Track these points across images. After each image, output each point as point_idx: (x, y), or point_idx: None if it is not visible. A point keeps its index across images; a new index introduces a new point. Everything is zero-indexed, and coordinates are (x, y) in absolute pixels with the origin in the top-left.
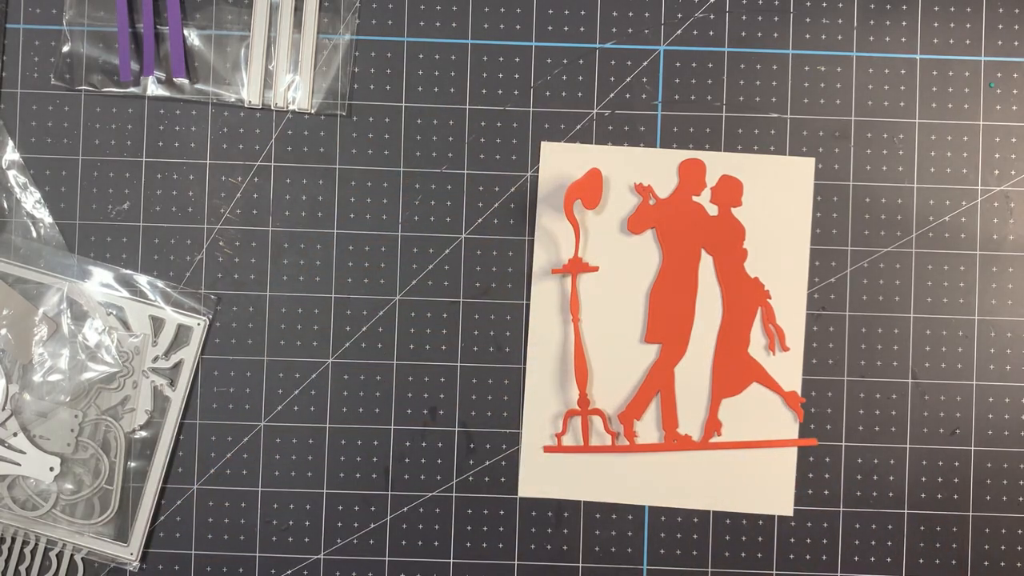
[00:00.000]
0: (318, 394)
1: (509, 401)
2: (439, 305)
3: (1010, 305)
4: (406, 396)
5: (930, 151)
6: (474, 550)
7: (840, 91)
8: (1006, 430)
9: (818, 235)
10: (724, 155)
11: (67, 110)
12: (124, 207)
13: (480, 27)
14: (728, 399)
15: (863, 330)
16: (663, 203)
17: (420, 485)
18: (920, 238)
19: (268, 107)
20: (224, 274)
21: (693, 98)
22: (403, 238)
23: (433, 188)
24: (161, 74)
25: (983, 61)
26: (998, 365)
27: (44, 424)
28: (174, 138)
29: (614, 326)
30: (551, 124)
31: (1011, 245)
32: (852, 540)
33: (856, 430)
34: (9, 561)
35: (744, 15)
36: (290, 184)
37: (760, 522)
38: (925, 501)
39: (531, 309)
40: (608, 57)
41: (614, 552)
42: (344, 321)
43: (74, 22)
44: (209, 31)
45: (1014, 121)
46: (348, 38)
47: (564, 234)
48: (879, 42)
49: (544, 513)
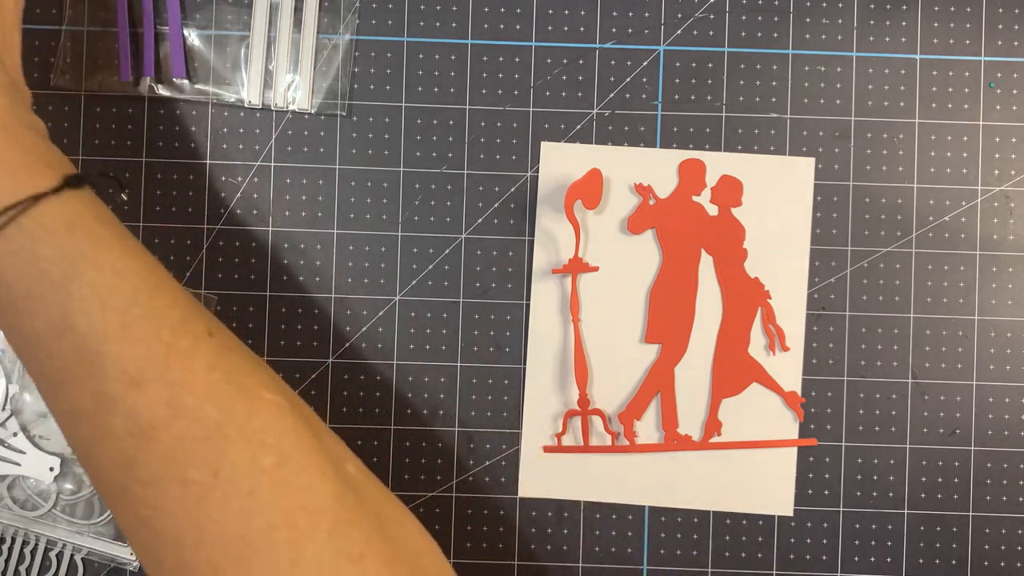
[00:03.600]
0: (318, 394)
1: (509, 401)
2: (439, 305)
3: (1010, 305)
4: (406, 396)
5: (930, 151)
6: (474, 550)
7: (840, 91)
8: (1006, 430)
9: (818, 235)
10: (724, 155)
11: (67, 110)
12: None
13: (480, 27)
14: (728, 399)
15: (863, 330)
16: (663, 203)
17: (420, 485)
18: (920, 238)
19: (268, 107)
20: (224, 274)
21: (693, 98)
22: (403, 238)
23: (433, 188)
24: (161, 74)
25: (983, 61)
26: (998, 365)
27: (44, 424)
28: (174, 138)
29: (614, 326)
30: (551, 124)
31: (1011, 245)
32: (852, 540)
33: (856, 430)
34: (9, 561)
35: (744, 15)
36: (290, 184)
37: (760, 522)
38: (925, 501)
39: (531, 309)
40: (608, 57)
41: (614, 552)
42: (344, 321)
43: (74, 22)
44: (209, 31)
45: (1014, 121)
46: (348, 38)
47: (564, 234)
48: (879, 42)
49: (544, 513)
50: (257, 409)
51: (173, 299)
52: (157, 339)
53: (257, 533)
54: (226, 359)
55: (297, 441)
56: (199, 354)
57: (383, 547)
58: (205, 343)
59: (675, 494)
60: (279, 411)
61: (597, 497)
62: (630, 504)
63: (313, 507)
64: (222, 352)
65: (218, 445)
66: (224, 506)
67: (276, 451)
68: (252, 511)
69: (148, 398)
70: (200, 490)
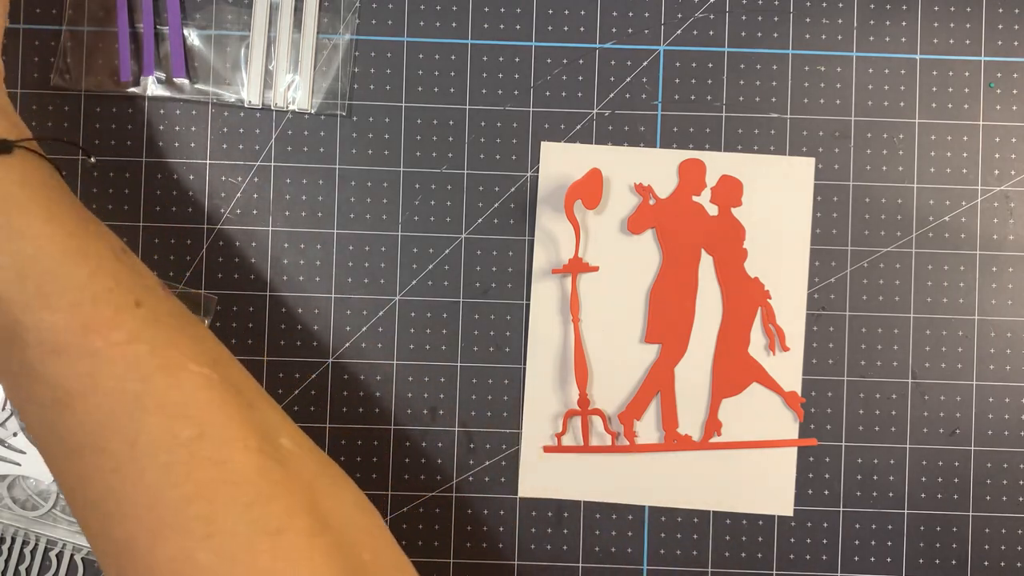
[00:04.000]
0: (318, 394)
1: (509, 401)
2: (439, 305)
3: (1010, 305)
4: (406, 396)
5: (930, 151)
6: (474, 550)
7: (840, 91)
8: (1006, 430)
9: (818, 235)
10: (724, 155)
11: (67, 110)
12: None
13: (480, 27)
14: (728, 399)
15: (863, 330)
16: (663, 203)
17: (420, 485)
18: (920, 238)
19: (268, 107)
20: (224, 274)
21: (693, 98)
22: (403, 238)
23: (433, 188)
24: (161, 74)
25: (983, 61)
26: (998, 365)
27: None
28: (174, 138)
29: (614, 326)
30: (551, 124)
31: (1011, 245)
32: (852, 540)
33: (856, 430)
34: (9, 561)
35: (744, 15)
36: (290, 184)
37: (760, 522)
38: (925, 501)
39: (531, 309)
40: (608, 57)
41: (614, 552)
42: (344, 321)
43: (74, 22)
44: (209, 31)
45: (1014, 121)
46: (348, 38)
47: (564, 234)
48: (879, 42)
49: (544, 513)
50: (179, 382)
51: (97, 269)
52: (76, 309)
53: (170, 505)
54: (151, 330)
55: (220, 413)
56: (121, 325)
57: (308, 522)
58: (129, 314)
59: (675, 494)
60: (204, 383)
61: (597, 497)
62: (630, 504)
63: (231, 480)
64: (148, 323)
65: (136, 416)
66: (139, 478)
67: (196, 423)
68: (167, 483)
69: (67, 368)
70: (116, 461)
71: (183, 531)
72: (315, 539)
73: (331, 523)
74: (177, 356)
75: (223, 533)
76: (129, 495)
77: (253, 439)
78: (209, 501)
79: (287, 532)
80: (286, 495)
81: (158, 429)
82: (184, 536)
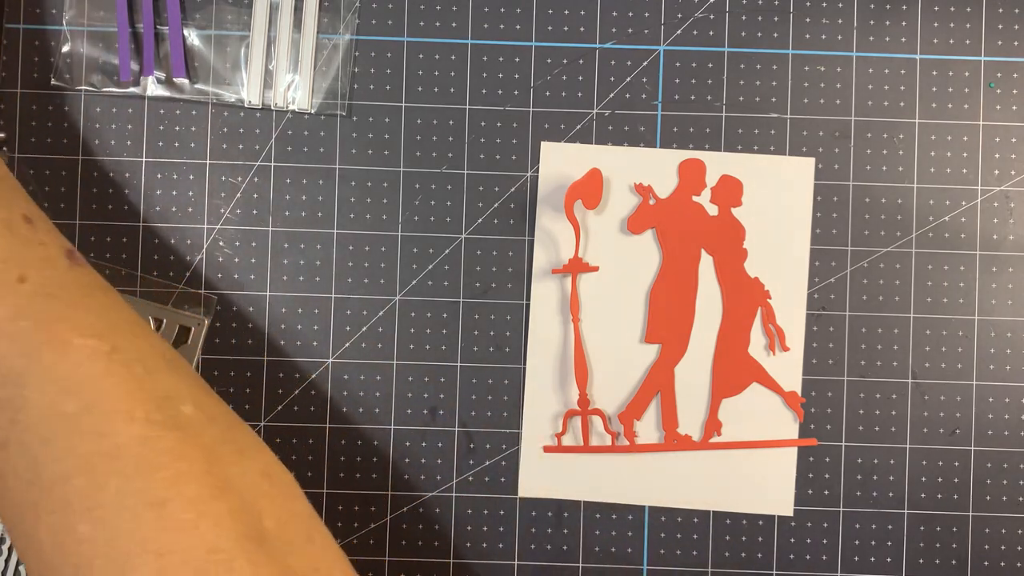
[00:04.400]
0: (317, 394)
1: (509, 401)
2: (439, 305)
3: (1010, 305)
4: (406, 396)
5: (930, 151)
6: (474, 550)
7: (840, 91)
8: (1006, 430)
9: (818, 235)
10: (724, 155)
11: (67, 110)
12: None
13: (480, 27)
14: (728, 399)
15: (863, 330)
16: (663, 203)
17: (420, 485)
18: (920, 238)
19: (268, 107)
20: (224, 274)
21: (693, 98)
22: (403, 238)
23: (433, 188)
24: (161, 74)
25: (983, 61)
26: (998, 365)
27: None
28: (174, 138)
29: (614, 326)
30: (551, 124)
31: (1011, 245)
32: (852, 540)
33: (856, 430)
34: (9, 561)
35: (744, 15)
36: (290, 184)
37: (760, 522)
38: (925, 501)
39: (531, 309)
40: (608, 57)
41: (614, 552)
42: (344, 321)
43: (74, 22)
44: (209, 31)
45: (1014, 121)
46: (348, 38)
47: (564, 234)
48: (879, 42)
49: (544, 513)
50: (65, 355)
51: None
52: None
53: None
54: (38, 305)
55: (107, 385)
56: (2, 302)
57: (198, 490)
58: (11, 290)
59: (675, 494)
60: (91, 356)
61: (597, 497)
62: (630, 504)
63: (113, 453)
64: (34, 298)
65: (20, 392)
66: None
67: (80, 397)
68: (47, 458)
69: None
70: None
71: (64, 505)
72: (206, 506)
73: (231, 489)
74: (64, 330)
75: (103, 506)
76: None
77: (140, 409)
78: (89, 475)
79: (173, 502)
80: (174, 462)
81: (41, 404)
82: (65, 510)
